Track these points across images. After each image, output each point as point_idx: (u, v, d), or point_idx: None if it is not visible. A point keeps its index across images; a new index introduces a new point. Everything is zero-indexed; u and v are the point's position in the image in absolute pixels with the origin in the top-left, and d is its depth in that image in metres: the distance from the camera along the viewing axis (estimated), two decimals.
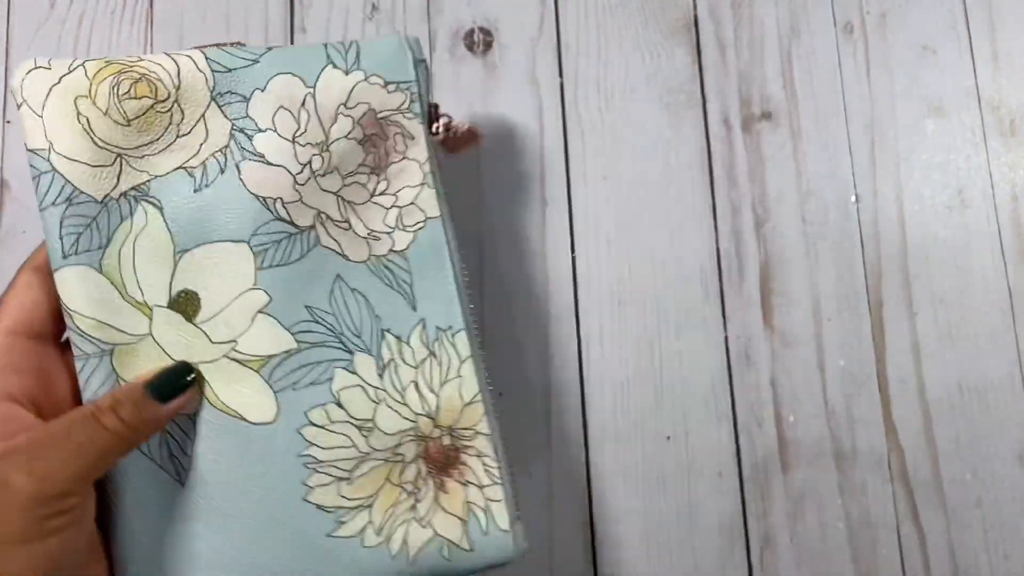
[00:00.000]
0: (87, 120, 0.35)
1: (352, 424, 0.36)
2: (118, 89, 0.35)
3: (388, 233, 0.38)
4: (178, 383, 0.34)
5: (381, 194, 0.38)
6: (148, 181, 0.36)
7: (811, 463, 0.46)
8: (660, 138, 0.49)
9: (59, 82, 0.35)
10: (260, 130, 0.37)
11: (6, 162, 0.48)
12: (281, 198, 0.37)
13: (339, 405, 0.36)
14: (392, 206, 0.38)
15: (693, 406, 0.47)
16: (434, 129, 0.39)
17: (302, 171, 0.37)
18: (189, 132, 0.36)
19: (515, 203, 0.48)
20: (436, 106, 0.40)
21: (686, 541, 0.45)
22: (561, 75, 0.50)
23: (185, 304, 0.36)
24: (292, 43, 0.49)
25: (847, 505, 0.46)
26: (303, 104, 0.37)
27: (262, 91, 0.37)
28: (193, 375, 0.35)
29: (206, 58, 0.37)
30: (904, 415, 0.47)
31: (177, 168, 0.36)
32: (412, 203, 0.38)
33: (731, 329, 0.48)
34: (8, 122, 0.48)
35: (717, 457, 0.46)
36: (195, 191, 0.36)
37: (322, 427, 0.36)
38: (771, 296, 0.48)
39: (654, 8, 0.50)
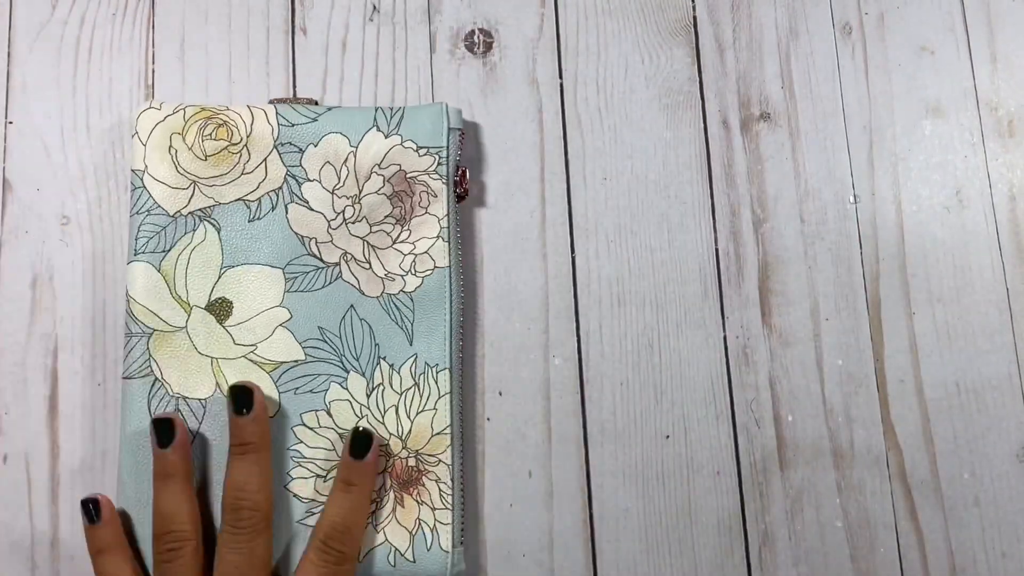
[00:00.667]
0: (175, 152, 0.44)
1: (336, 431, 0.42)
2: (203, 131, 0.44)
3: (402, 276, 0.44)
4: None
5: (402, 242, 0.44)
6: (213, 206, 0.44)
7: (809, 462, 0.47)
8: (659, 138, 0.49)
9: (163, 120, 0.44)
10: (308, 179, 0.44)
11: (8, 163, 0.48)
12: (316, 238, 0.44)
13: (328, 413, 0.43)
14: (409, 253, 0.44)
15: (692, 405, 0.47)
16: (459, 191, 0.45)
17: (336, 218, 0.44)
18: (252, 171, 0.44)
19: (515, 203, 0.49)
20: (465, 170, 0.45)
21: (685, 540, 0.46)
22: (561, 76, 0.50)
23: (219, 309, 0.43)
24: (293, 43, 0.49)
25: (845, 504, 0.46)
26: (345, 161, 0.44)
27: (315, 146, 0.44)
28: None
29: (276, 112, 0.45)
30: (902, 414, 0.47)
31: (238, 199, 0.44)
32: (426, 252, 0.44)
33: (730, 328, 0.48)
34: (11, 123, 0.48)
35: (716, 456, 0.47)
36: (249, 221, 0.44)
37: (311, 429, 0.42)
38: (770, 296, 0.48)
39: (653, 9, 0.50)
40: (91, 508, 0.41)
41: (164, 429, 0.40)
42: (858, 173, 0.49)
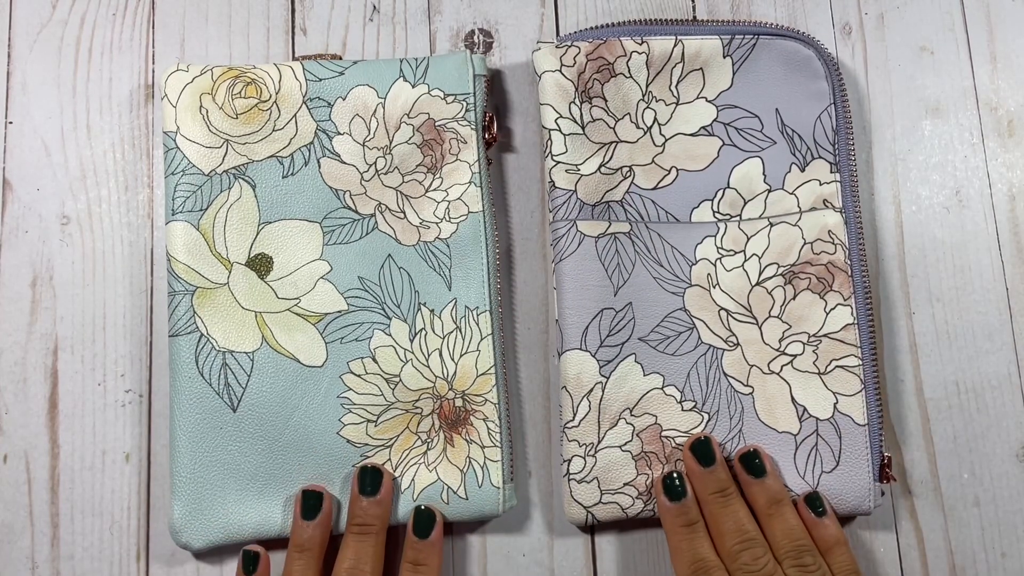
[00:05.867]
0: (206, 112, 0.44)
1: (382, 377, 0.44)
2: (233, 89, 0.45)
3: (436, 223, 0.45)
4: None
5: (435, 190, 0.45)
6: (247, 164, 0.44)
7: None
8: None
9: (192, 81, 0.45)
10: (339, 133, 0.45)
11: (8, 162, 0.48)
12: (350, 191, 0.45)
13: (374, 360, 0.44)
14: (443, 200, 0.45)
15: None
16: (487, 137, 0.46)
17: (368, 169, 0.45)
18: (283, 128, 0.45)
19: (515, 203, 0.49)
20: (492, 116, 0.46)
21: None
22: None
23: (260, 264, 0.44)
24: (293, 43, 0.49)
25: None
26: (374, 113, 0.45)
27: (343, 100, 0.45)
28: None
29: (303, 68, 0.45)
30: (902, 414, 0.47)
31: (271, 156, 0.45)
32: (459, 198, 0.45)
33: None
34: (10, 123, 0.48)
35: None
36: (283, 177, 0.45)
37: (359, 376, 0.44)
38: None
39: (653, 9, 0.50)
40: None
41: (311, 502, 0.41)
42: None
